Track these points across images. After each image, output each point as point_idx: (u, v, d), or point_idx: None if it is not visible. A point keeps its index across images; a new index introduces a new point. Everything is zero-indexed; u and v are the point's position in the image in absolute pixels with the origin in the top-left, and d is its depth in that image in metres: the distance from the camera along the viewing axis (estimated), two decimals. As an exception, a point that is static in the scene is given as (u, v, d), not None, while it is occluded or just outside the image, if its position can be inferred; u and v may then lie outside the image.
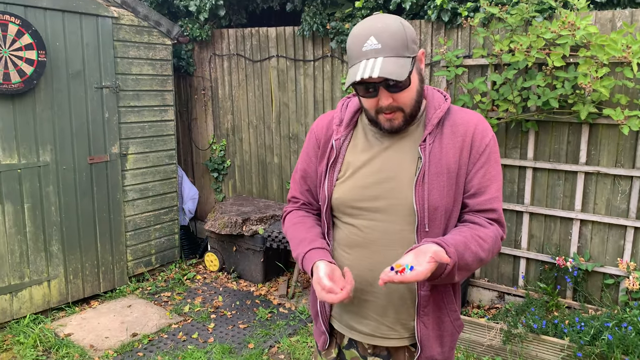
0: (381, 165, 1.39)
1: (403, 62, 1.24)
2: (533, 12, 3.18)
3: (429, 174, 1.33)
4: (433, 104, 1.40)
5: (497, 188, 1.38)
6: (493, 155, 1.39)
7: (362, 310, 1.44)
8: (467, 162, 1.36)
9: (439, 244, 1.22)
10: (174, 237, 4.77)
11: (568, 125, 3.38)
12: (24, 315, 3.70)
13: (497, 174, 1.39)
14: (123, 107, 4.19)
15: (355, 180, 1.41)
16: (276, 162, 4.82)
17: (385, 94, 1.29)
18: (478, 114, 1.43)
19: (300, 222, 1.53)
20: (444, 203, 1.33)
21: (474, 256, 1.27)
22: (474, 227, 1.34)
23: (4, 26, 3.34)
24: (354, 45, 1.28)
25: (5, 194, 3.52)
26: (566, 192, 3.47)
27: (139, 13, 4.22)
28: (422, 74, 1.36)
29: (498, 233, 1.36)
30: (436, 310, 1.40)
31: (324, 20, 4.13)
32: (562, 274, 3.51)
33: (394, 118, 1.33)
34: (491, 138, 1.39)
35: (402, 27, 1.27)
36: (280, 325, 3.70)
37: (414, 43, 1.29)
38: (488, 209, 1.36)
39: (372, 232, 1.39)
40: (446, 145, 1.36)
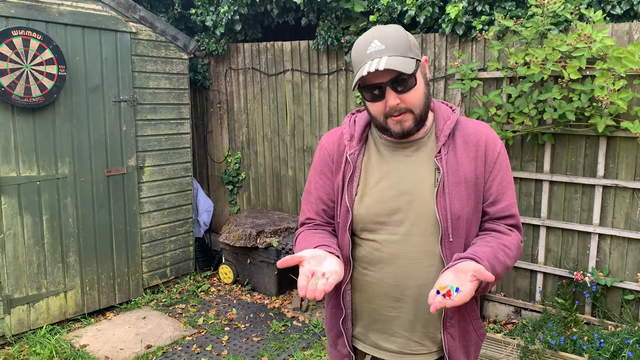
0: (398, 179, 1.38)
1: (406, 60, 1.26)
2: (548, 25, 3.17)
3: (448, 184, 1.34)
4: (441, 115, 1.42)
5: (512, 194, 1.42)
6: (505, 163, 1.42)
7: (390, 327, 1.41)
8: (483, 172, 1.38)
9: (474, 260, 1.23)
10: (188, 249, 4.80)
11: (585, 138, 3.35)
12: (40, 325, 3.74)
13: (510, 180, 1.42)
14: (140, 120, 4.25)
15: (373, 195, 1.39)
16: (290, 175, 4.84)
17: (392, 94, 1.29)
18: (485, 124, 1.46)
19: (313, 234, 1.46)
20: (465, 212, 1.35)
21: (502, 265, 1.30)
22: (497, 235, 1.36)
23: (26, 41, 3.43)
24: (358, 51, 1.30)
25: (24, 206, 3.58)
26: (584, 206, 3.42)
27: (157, 28, 4.29)
28: (427, 79, 1.37)
29: (519, 239, 1.40)
30: (461, 320, 1.40)
31: (338, 34, 4.16)
32: (581, 289, 3.45)
33: (403, 120, 1.33)
34: (501, 146, 1.42)
35: (404, 33, 1.31)
36: (293, 339, 3.69)
37: (416, 48, 1.33)
38: (507, 215, 1.40)
39: (395, 247, 1.37)
40: (460, 155, 1.37)
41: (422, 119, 1.36)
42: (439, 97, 3.87)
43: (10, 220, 3.52)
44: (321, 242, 1.37)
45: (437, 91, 3.87)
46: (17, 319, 3.62)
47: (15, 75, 3.39)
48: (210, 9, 4.79)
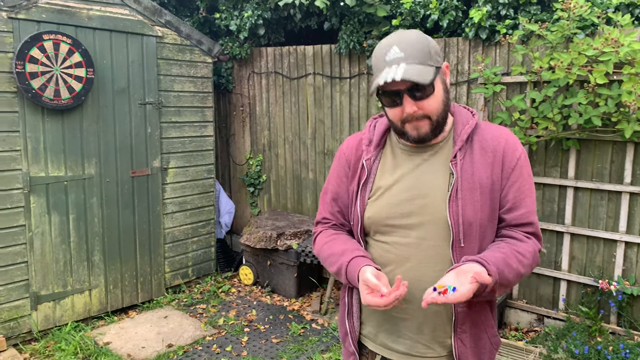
0: (412, 183, 1.40)
1: (425, 69, 1.27)
2: (574, 29, 3.12)
3: (462, 189, 1.33)
4: (461, 120, 1.41)
5: (531, 201, 1.39)
6: (525, 169, 1.39)
7: (398, 329, 1.43)
8: (500, 178, 1.36)
9: (480, 263, 1.23)
10: (210, 250, 4.85)
11: (612, 144, 3.29)
12: (65, 322, 3.83)
13: (530, 187, 1.40)
14: (165, 123, 4.33)
15: (386, 198, 1.41)
16: (311, 178, 4.86)
17: (409, 101, 1.30)
18: (506, 129, 1.44)
19: (335, 239, 1.51)
20: (478, 218, 1.33)
21: (514, 272, 1.29)
22: (513, 242, 1.35)
23: (57, 45, 3.53)
24: (378, 57, 1.32)
25: (52, 205, 3.67)
26: (610, 213, 3.35)
27: (182, 32, 4.37)
28: (447, 85, 1.37)
29: (536, 247, 1.37)
30: (473, 327, 1.39)
31: (360, 38, 4.17)
32: (606, 297, 3.38)
33: (420, 125, 1.34)
34: (521, 152, 1.40)
35: (425, 39, 1.31)
36: (312, 342, 3.69)
37: (437, 55, 1.32)
38: (525, 222, 1.37)
39: (406, 250, 1.38)
40: (477, 161, 1.36)
41: (440, 124, 1.37)
42: (461, 101, 3.84)
43: (39, 219, 3.62)
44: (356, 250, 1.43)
45: (459, 95, 3.85)
46: (44, 315, 3.71)
47: (45, 78, 3.49)
48: (235, 14, 4.85)
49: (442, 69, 1.34)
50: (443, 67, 1.35)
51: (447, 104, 1.37)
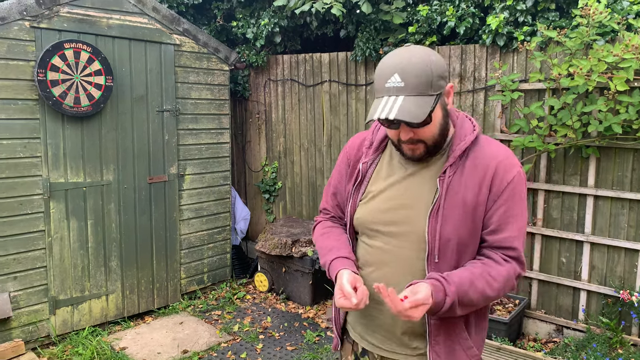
0: (401, 192, 1.43)
1: (424, 101, 1.26)
2: (594, 35, 3.09)
3: (444, 206, 1.34)
4: (459, 135, 1.40)
5: (518, 227, 1.36)
6: (518, 193, 1.36)
7: (372, 324, 1.51)
8: (486, 199, 1.35)
9: (439, 281, 1.27)
10: (226, 256, 4.87)
11: (633, 152, 3.23)
12: (83, 327, 3.87)
13: (520, 212, 1.37)
14: (182, 130, 4.37)
15: (374, 203, 1.46)
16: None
17: (405, 129, 1.33)
18: (505, 149, 1.42)
19: (329, 232, 1.61)
20: (457, 236, 1.34)
21: (479, 294, 1.30)
22: (488, 263, 1.34)
23: (77, 53, 3.59)
24: (379, 79, 1.32)
25: (70, 210, 3.73)
26: (631, 222, 3.29)
27: (199, 40, 4.41)
28: (446, 108, 1.37)
29: (514, 271, 1.36)
30: (447, 340, 1.40)
31: (376, 46, 4.17)
32: (627, 308, 3.31)
33: (415, 148, 1.37)
34: (515, 175, 1.36)
35: (429, 64, 1.28)
36: (327, 350, 3.67)
37: (440, 79, 1.30)
38: (507, 246, 1.35)
39: (384, 255, 1.44)
40: (466, 178, 1.36)
41: (437, 146, 1.38)
42: (478, 108, 3.82)
43: (58, 224, 3.67)
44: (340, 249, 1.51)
45: (476, 102, 3.82)
46: (62, 319, 3.75)
47: (66, 86, 3.55)
48: (251, 22, 4.89)
49: (444, 91, 1.33)
50: (446, 89, 1.34)
51: (445, 127, 1.38)
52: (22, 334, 3.56)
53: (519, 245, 1.36)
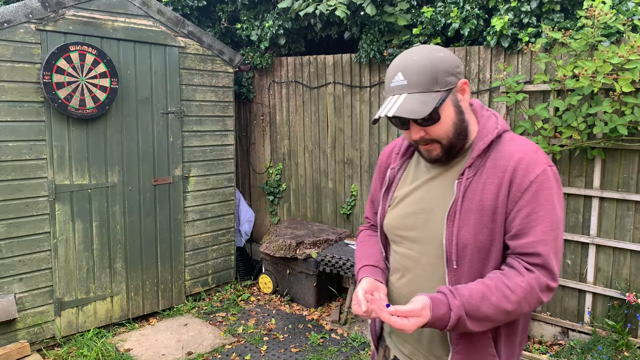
0: (422, 196, 1.40)
1: (427, 98, 1.24)
2: (599, 36, 3.08)
3: (460, 210, 1.29)
4: (482, 134, 1.34)
5: (544, 230, 1.24)
6: (543, 193, 1.25)
7: (402, 334, 1.49)
8: (505, 201, 1.26)
9: (445, 294, 1.23)
10: (230, 258, 4.88)
11: (638, 154, 3.21)
12: (88, 329, 3.88)
13: (546, 214, 1.24)
14: (186, 132, 4.38)
15: (399, 209, 1.45)
16: (330, 187, 4.86)
17: (415, 128, 1.31)
18: (530, 145, 1.31)
19: (364, 241, 1.62)
20: (475, 241, 1.27)
21: (495, 308, 1.21)
22: (507, 273, 1.24)
23: (82, 56, 3.61)
24: (387, 81, 1.33)
25: (76, 212, 3.74)
26: (637, 224, 3.27)
27: (204, 43, 4.43)
28: (460, 105, 1.31)
29: (537, 282, 1.22)
30: (472, 351, 1.33)
31: (380, 48, 4.17)
32: (633, 311, 3.29)
33: (431, 149, 1.34)
34: (539, 174, 1.25)
35: (432, 61, 1.26)
36: (332, 352, 3.67)
37: (449, 75, 1.27)
38: (530, 252, 1.24)
39: (408, 261, 1.42)
40: (485, 180, 1.29)
41: (454, 146, 1.33)
42: (483, 110, 3.80)
43: (63, 226, 3.68)
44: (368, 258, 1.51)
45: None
46: (67, 321, 3.77)
47: (71, 88, 3.57)
48: (256, 24, 4.90)
49: (455, 89, 1.30)
50: (458, 86, 1.30)
51: (462, 125, 1.32)
52: (27, 336, 3.57)
53: (543, 250, 1.23)
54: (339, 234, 4.53)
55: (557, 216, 1.26)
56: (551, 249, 1.24)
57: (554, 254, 1.24)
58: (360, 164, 4.60)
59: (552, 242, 1.24)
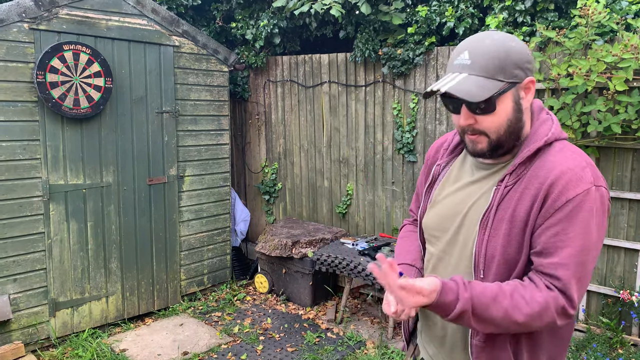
0: (461, 199, 1.34)
1: (487, 84, 1.17)
2: (593, 35, 3.09)
3: (493, 219, 1.23)
4: (531, 140, 1.25)
5: (571, 253, 1.14)
6: (580, 215, 1.15)
7: (429, 333, 1.46)
8: (536, 214, 1.18)
9: (456, 283, 1.17)
10: (225, 257, 4.87)
11: (632, 152, 3.23)
12: (83, 329, 3.86)
13: (577, 237, 1.15)
14: (181, 131, 4.37)
15: (438, 208, 1.40)
16: (326, 186, 4.86)
17: (465, 113, 1.23)
18: (578, 161, 1.19)
19: (406, 237, 1.61)
20: (503, 253, 1.21)
21: (503, 313, 1.15)
22: (526, 284, 1.18)
23: (76, 55, 3.59)
24: (451, 57, 1.25)
25: (70, 212, 3.72)
26: (631, 222, 3.29)
27: (199, 42, 4.42)
28: (520, 103, 1.22)
29: (554, 302, 1.15)
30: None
31: (376, 47, 4.17)
32: (627, 308, 3.30)
33: (477, 141, 1.25)
34: (581, 192, 1.15)
35: (504, 48, 1.18)
36: (328, 351, 3.67)
37: (517, 68, 1.19)
38: (550, 273, 1.16)
39: (439, 263, 1.39)
40: (523, 189, 1.21)
41: (501, 145, 1.24)
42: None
43: (58, 226, 3.67)
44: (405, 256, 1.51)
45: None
46: (62, 321, 3.75)
47: (65, 88, 3.55)
48: (250, 23, 4.89)
49: (520, 85, 1.21)
50: (524, 82, 1.21)
51: (517, 125, 1.23)
52: (22, 336, 3.55)
53: (564, 275, 1.14)
54: (335, 233, 4.54)
55: (590, 241, 1.16)
56: (573, 274, 1.15)
57: (575, 280, 1.15)
58: (356, 163, 4.60)
59: (577, 267, 1.15)
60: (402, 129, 4.22)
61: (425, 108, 4.10)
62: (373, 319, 4.21)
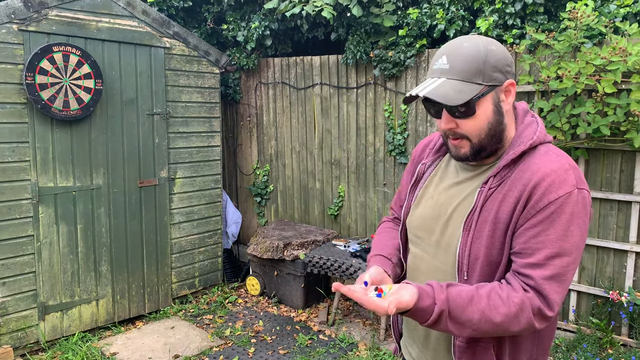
0: (445, 200, 1.34)
1: (465, 87, 1.18)
2: (582, 38, 3.12)
3: (476, 220, 1.23)
4: (515, 143, 1.25)
5: (547, 255, 1.14)
6: (561, 217, 1.15)
7: (412, 335, 1.46)
8: (519, 215, 1.18)
9: (432, 287, 1.16)
10: (217, 260, 4.85)
11: (621, 154, 3.26)
12: (72, 333, 3.83)
13: (557, 239, 1.14)
14: (172, 133, 4.35)
15: (422, 209, 1.40)
16: (318, 188, 4.86)
17: (446, 117, 1.24)
18: (561, 164, 1.19)
19: (384, 233, 1.59)
20: (487, 254, 1.22)
21: (480, 314, 1.13)
22: (503, 287, 1.17)
23: (66, 57, 3.56)
24: (431, 62, 1.26)
25: (60, 215, 3.69)
26: (619, 223, 3.32)
27: (190, 43, 4.40)
28: (500, 107, 1.23)
29: (530, 303, 1.14)
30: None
31: (367, 49, 4.18)
32: (617, 309, 3.33)
33: (459, 145, 1.26)
34: (563, 195, 1.14)
35: (482, 52, 1.19)
36: (320, 353, 3.67)
37: (496, 71, 1.20)
38: (525, 274, 1.16)
39: (421, 263, 1.38)
40: (506, 192, 1.21)
41: (484, 148, 1.25)
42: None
43: (47, 229, 3.63)
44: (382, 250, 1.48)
45: (466, 105, 3.84)
46: (51, 325, 3.71)
47: (55, 89, 3.52)
48: (242, 25, 4.89)
49: (500, 87, 1.22)
50: (504, 85, 1.22)
51: (498, 127, 1.24)
52: (10, 341, 3.51)
53: (539, 275, 1.14)
54: (327, 234, 4.54)
55: (571, 244, 1.15)
56: (550, 276, 1.14)
57: (553, 281, 1.14)
58: (348, 164, 4.60)
59: (555, 269, 1.14)
60: (393, 130, 4.23)
61: (416, 110, 4.11)
62: (365, 321, 4.21)
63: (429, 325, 1.16)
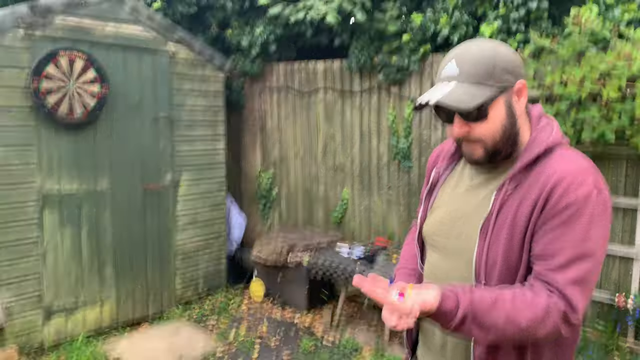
0: (460, 205, 1.31)
1: (477, 91, 1.16)
2: (586, 43, 3.12)
3: (494, 224, 1.20)
4: (531, 146, 1.22)
5: (570, 258, 1.11)
6: (581, 219, 1.12)
7: (427, 341, 1.42)
8: (537, 219, 1.15)
9: (454, 290, 1.12)
10: (221, 263, 4.85)
11: (626, 158, 3.25)
12: (77, 336, 3.83)
13: (577, 242, 1.12)
14: (177, 137, 4.36)
15: (437, 214, 1.38)
16: (322, 193, 4.86)
17: (458, 122, 1.21)
18: (579, 165, 1.17)
19: (409, 243, 1.61)
20: (505, 259, 1.19)
21: (505, 317, 1.10)
22: (526, 289, 1.14)
23: (72, 62, 3.59)
24: (439, 68, 1.24)
25: (65, 219, 3.71)
26: (625, 228, 3.31)
27: (194, 48, 4.42)
28: (513, 108, 1.21)
29: (555, 307, 1.10)
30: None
31: (371, 54, 4.19)
32: (623, 314, 3.32)
33: (473, 149, 1.24)
34: (581, 196, 1.12)
35: (491, 54, 1.18)
36: (323, 357, 3.66)
37: (506, 72, 1.18)
38: (550, 278, 1.12)
39: (438, 270, 1.36)
40: (523, 195, 1.18)
41: (498, 151, 1.23)
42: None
43: (52, 232, 3.65)
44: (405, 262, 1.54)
45: (471, 110, 3.84)
46: (55, 328, 3.72)
47: (60, 94, 3.55)
48: (246, 30, 4.91)
49: (511, 89, 1.20)
50: (516, 87, 1.20)
51: (511, 130, 1.22)
52: (15, 343, 3.52)
53: (563, 280, 1.11)
54: (331, 238, 4.53)
55: (592, 246, 1.12)
56: (574, 279, 1.11)
57: (576, 285, 1.11)
58: (352, 169, 4.61)
59: (578, 272, 1.11)
60: (397, 135, 4.23)
61: (420, 115, 4.12)
62: (369, 325, 4.20)
63: (452, 330, 1.12)
